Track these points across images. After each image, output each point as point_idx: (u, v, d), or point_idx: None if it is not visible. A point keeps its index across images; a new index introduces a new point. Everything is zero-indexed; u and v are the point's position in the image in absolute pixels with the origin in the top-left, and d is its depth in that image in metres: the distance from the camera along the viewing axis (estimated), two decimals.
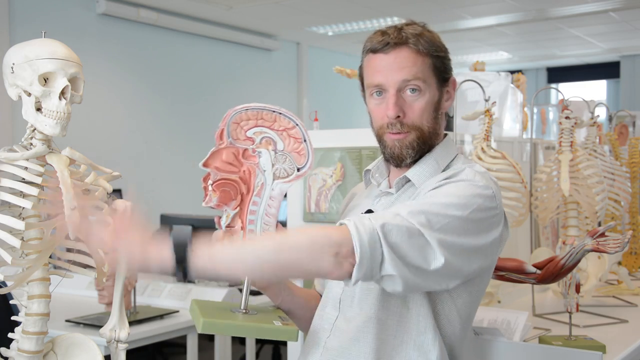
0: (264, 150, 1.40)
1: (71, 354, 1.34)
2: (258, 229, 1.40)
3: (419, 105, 1.39)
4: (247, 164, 1.40)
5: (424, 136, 1.41)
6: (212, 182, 1.38)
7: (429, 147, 1.43)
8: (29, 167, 1.25)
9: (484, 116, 2.35)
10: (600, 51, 9.24)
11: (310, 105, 8.22)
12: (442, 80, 1.42)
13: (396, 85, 1.38)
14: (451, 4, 6.53)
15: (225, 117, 1.39)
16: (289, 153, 1.40)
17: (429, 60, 1.39)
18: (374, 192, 1.50)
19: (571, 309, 2.16)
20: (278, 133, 1.40)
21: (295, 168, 1.41)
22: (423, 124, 1.40)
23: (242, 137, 1.40)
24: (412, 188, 1.43)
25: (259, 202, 1.40)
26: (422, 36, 1.39)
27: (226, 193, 1.39)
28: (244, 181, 1.40)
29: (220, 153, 1.39)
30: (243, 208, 1.40)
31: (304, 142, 1.40)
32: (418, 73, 1.37)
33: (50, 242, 1.25)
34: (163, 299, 3.06)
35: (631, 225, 3.22)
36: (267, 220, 1.40)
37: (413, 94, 1.38)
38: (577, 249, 1.85)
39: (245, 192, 1.40)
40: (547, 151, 3.25)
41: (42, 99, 1.23)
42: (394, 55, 1.38)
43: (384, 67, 1.39)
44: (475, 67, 3.31)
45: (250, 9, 6.63)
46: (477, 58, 9.39)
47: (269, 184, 1.40)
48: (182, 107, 6.74)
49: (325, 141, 2.55)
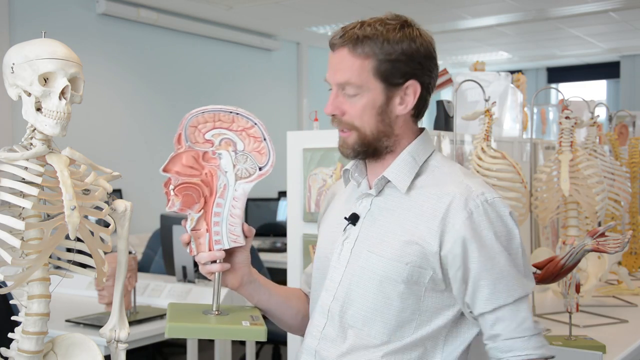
0: (224, 152, 1.40)
1: (71, 354, 1.34)
2: (223, 230, 1.40)
3: (358, 106, 1.37)
4: (208, 167, 1.40)
5: (366, 138, 1.38)
6: (173, 186, 1.38)
7: (377, 149, 1.40)
8: (29, 167, 1.25)
9: (484, 116, 2.35)
10: (600, 51, 9.24)
11: (310, 105, 8.22)
12: (390, 84, 1.36)
13: (335, 85, 1.39)
14: (451, 4, 6.53)
15: (182, 121, 1.39)
16: (249, 153, 1.40)
17: (369, 64, 1.35)
18: (355, 194, 1.48)
19: (571, 309, 2.16)
20: (237, 133, 1.40)
21: (257, 167, 1.40)
22: (363, 125, 1.37)
23: (201, 140, 1.40)
24: (392, 188, 1.41)
25: (223, 203, 1.40)
26: (370, 38, 1.34)
27: (189, 197, 1.39)
28: (206, 184, 1.40)
29: (180, 157, 1.39)
30: (207, 210, 1.40)
31: (264, 141, 1.40)
32: (352, 78, 1.35)
33: (50, 242, 1.25)
34: (163, 299, 3.06)
35: (631, 225, 3.22)
36: (232, 221, 1.40)
37: (351, 95, 1.37)
38: (577, 249, 1.85)
39: (209, 194, 1.40)
40: (547, 151, 3.25)
41: (42, 99, 1.23)
42: (335, 56, 1.38)
43: (330, 65, 1.40)
44: (475, 67, 3.31)
45: (250, 9, 6.63)
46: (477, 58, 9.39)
47: (232, 185, 1.40)
48: (182, 107, 6.71)
49: (325, 141, 2.55)
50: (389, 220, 1.38)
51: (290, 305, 1.56)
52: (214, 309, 1.42)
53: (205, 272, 1.43)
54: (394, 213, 1.38)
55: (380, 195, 1.42)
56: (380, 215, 1.40)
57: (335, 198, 1.58)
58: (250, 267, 1.48)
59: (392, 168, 1.40)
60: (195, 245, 1.41)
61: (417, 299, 1.35)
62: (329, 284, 1.43)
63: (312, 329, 1.44)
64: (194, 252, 1.41)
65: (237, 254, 1.45)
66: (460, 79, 2.81)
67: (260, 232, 5.74)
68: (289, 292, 1.61)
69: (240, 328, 1.36)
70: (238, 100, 7.43)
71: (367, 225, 1.41)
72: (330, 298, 1.42)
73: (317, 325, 1.43)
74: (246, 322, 1.38)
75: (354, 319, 1.38)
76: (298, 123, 8.24)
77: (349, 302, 1.39)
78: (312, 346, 1.42)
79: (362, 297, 1.37)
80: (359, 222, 1.42)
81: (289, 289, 1.65)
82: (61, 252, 1.35)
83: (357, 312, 1.38)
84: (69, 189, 1.23)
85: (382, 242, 1.36)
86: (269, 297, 1.52)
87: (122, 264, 1.40)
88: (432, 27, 1.45)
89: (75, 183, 1.26)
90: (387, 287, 1.34)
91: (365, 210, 1.42)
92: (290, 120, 8.19)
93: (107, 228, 1.33)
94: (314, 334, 1.43)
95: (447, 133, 2.57)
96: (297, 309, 1.58)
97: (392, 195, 1.41)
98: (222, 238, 1.40)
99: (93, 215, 1.32)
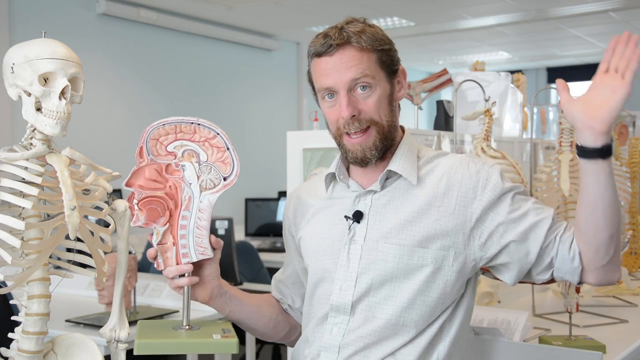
0: (187, 163, 1.39)
1: (71, 354, 1.33)
2: (190, 243, 1.38)
3: (372, 101, 1.38)
4: (172, 179, 1.39)
5: (384, 131, 1.40)
6: (137, 200, 1.37)
7: (391, 143, 1.43)
8: (29, 167, 1.25)
9: (484, 116, 2.35)
10: (600, 51, 9.23)
11: (310, 105, 8.23)
12: (391, 72, 1.42)
13: (346, 86, 1.37)
14: (451, 4, 6.53)
15: (143, 135, 1.37)
16: (213, 163, 1.39)
17: (374, 56, 1.38)
18: (344, 194, 1.48)
19: (571, 309, 2.15)
20: (199, 144, 1.38)
21: (221, 177, 1.39)
22: (381, 118, 1.40)
23: (164, 153, 1.38)
24: (397, 181, 1.42)
25: (189, 216, 1.39)
26: (364, 33, 1.38)
27: (153, 210, 1.37)
28: (170, 197, 1.39)
29: (142, 171, 1.38)
30: (173, 224, 1.39)
31: (227, 151, 1.38)
32: (365, 70, 1.37)
33: (50, 242, 1.25)
34: (163, 299, 3.06)
35: (631, 225, 3.22)
36: (199, 233, 1.39)
37: (364, 92, 1.38)
38: None
39: (174, 207, 1.39)
40: (547, 151, 3.25)
41: (42, 99, 1.23)
42: (338, 56, 1.37)
43: (331, 70, 1.38)
44: (475, 67, 3.31)
45: (250, 9, 6.63)
46: (477, 58, 9.39)
47: (197, 196, 1.39)
48: (182, 107, 6.74)
49: (325, 141, 2.54)
50: (400, 212, 1.40)
51: (262, 314, 1.56)
52: (185, 324, 1.40)
53: (173, 287, 1.42)
54: (403, 205, 1.40)
55: (382, 191, 1.43)
56: (388, 207, 1.42)
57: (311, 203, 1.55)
58: (219, 279, 1.47)
59: (396, 162, 1.42)
60: (162, 260, 1.40)
61: (444, 283, 1.37)
62: (342, 284, 1.42)
63: (331, 327, 1.42)
64: (161, 267, 1.40)
65: (206, 266, 1.44)
66: (460, 79, 2.81)
67: (260, 232, 5.74)
68: (261, 300, 1.61)
69: (211, 341, 1.34)
70: (238, 100, 7.43)
71: (375, 220, 1.41)
72: (349, 297, 1.41)
73: (337, 322, 1.41)
74: (217, 335, 1.36)
75: (383, 311, 1.38)
76: (298, 123, 8.24)
77: (376, 294, 1.39)
78: (334, 343, 1.40)
79: (390, 289, 1.38)
80: (364, 219, 1.42)
81: (261, 296, 1.64)
82: (61, 252, 1.35)
83: (386, 303, 1.38)
84: (69, 189, 1.23)
85: (400, 232, 1.38)
86: (240, 307, 1.52)
87: (122, 264, 1.40)
88: (432, 27, 1.46)
89: (75, 183, 1.26)
90: (411, 275, 1.37)
91: (368, 207, 1.43)
92: (290, 120, 8.19)
93: (107, 228, 1.33)
94: (335, 332, 1.41)
95: (447, 133, 2.57)
96: (269, 316, 1.58)
97: (397, 189, 1.42)
98: (190, 251, 1.39)
99: (93, 215, 1.32)
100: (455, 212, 1.37)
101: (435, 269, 1.36)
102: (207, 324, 1.44)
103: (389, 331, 1.37)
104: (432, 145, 2.50)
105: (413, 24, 7.22)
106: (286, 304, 1.64)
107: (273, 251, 5.42)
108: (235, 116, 7.28)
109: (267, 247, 5.57)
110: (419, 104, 2.66)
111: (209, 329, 1.41)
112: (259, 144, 7.40)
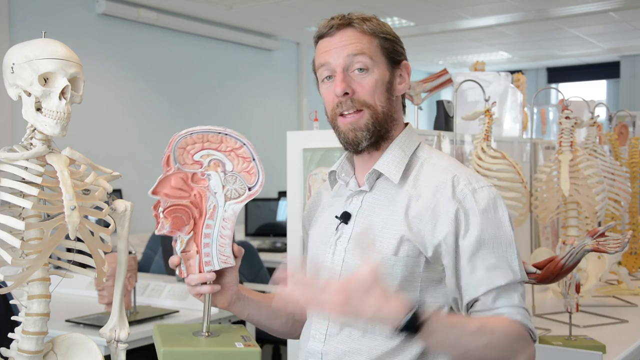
0: (213, 173, 1.39)
1: (71, 354, 1.34)
2: (213, 251, 1.39)
3: (368, 82, 1.36)
4: (197, 188, 1.39)
5: (378, 116, 1.37)
6: (162, 209, 1.37)
7: (386, 132, 1.40)
8: (29, 167, 1.25)
9: (484, 116, 2.35)
10: (600, 51, 9.24)
11: (310, 105, 8.23)
12: (393, 61, 1.40)
13: (342, 63, 1.36)
14: (451, 4, 6.53)
15: (170, 143, 1.37)
16: (238, 173, 1.39)
17: (375, 40, 1.38)
18: (344, 193, 1.47)
19: (571, 309, 2.16)
20: (226, 154, 1.39)
21: (246, 188, 1.39)
22: (375, 102, 1.37)
23: (190, 162, 1.38)
24: (384, 181, 1.41)
25: (213, 224, 1.39)
26: (369, 20, 1.39)
27: (178, 219, 1.38)
28: (195, 205, 1.39)
29: (168, 179, 1.38)
30: (197, 232, 1.39)
31: (253, 161, 1.39)
32: (364, 49, 1.36)
33: (50, 242, 1.25)
34: (163, 299, 3.06)
35: (631, 225, 3.22)
36: (222, 242, 1.39)
37: (361, 73, 1.36)
38: (577, 249, 1.85)
39: (198, 216, 1.39)
40: (547, 151, 3.25)
41: (42, 99, 1.23)
42: (339, 36, 1.38)
43: (329, 48, 1.39)
44: (475, 67, 3.32)
45: (250, 9, 6.63)
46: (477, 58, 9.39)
47: (221, 205, 1.39)
48: (182, 107, 6.74)
49: (325, 141, 2.55)
50: (381, 216, 1.38)
51: (279, 314, 1.55)
52: (204, 330, 1.40)
53: (194, 294, 1.42)
54: (386, 207, 1.38)
55: (372, 191, 1.42)
56: (373, 211, 1.40)
57: (322, 200, 1.57)
58: (238, 285, 1.47)
59: (382, 161, 1.40)
60: (185, 267, 1.39)
61: (415, 293, 1.34)
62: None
63: (314, 333, 1.42)
64: (184, 274, 1.40)
65: (227, 274, 1.43)
66: (460, 79, 2.81)
67: (260, 232, 5.74)
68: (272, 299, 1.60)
69: (236, 350, 1.34)
70: (238, 100, 7.43)
71: (360, 223, 1.40)
72: None
73: (319, 328, 1.41)
74: (239, 344, 1.36)
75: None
76: (298, 123, 8.24)
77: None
78: (317, 349, 1.40)
79: None
80: (351, 220, 1.41)
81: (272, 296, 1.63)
82: (61, 252, 1.35)
83: None
84: (69, 189, 1.23)
85: (376, 238, 1.36)
86: (258, 310, 1.52)
87: (122, 264, 1.40)
88: (432, 27, 1.46)
89: (75, 183, 1.26)
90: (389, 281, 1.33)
91: (357, 208, 1.42)
92: (290, 120, 8.19)
93: (107, 228, 1.34)
94: (317, 337, 1.41)
95: (447, 133, 2.57)
96: (287, 316, 1.57)
97: (384, 189, 1.40)
98: (213, 259, 1.39)
99: (93, 215, 1.32)
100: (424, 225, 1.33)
101: (406, 275, 1.33)
102: (225, 330, 1.45)
103: (367, 338, 1.35)
104: (432, 145, 2.50)
105: (413, 24, 7.22)
106: None
107: (273, 251, 5.42)
108: (235, 116, 7.27)
109: (267, 247, 5.57)
110: (419, 104, 2.66)
111: (229, 335, 1.41)
112: (259, 144, 7.30)
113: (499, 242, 1.33)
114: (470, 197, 1.33)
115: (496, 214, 1.34)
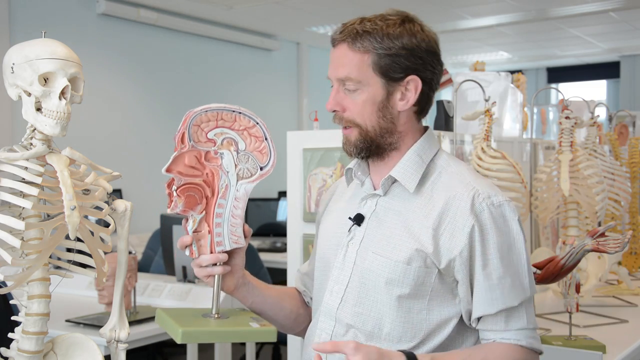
0: (226, 152, 1.38)
1: (71, 354, 1.33)
2: (225, 231, 1.38)
3: (356, 102, 1.37)
4: (209, 167, 1.37)
5: (368, 134, 1.37)
6: (176, 187, 1.35)
7: (378, 146, 1.39)
8: (29, 167, 1.25)
9: (484, 116, 2.35)
10: (600, 51, 9.24)
11: (310, 105, 8.23)
12: (390, 79, 1.35)
13: (337, 81, 1.39)
14: (451, 4, 6.53)
15: (185, 120, 1.36)
16: (251, 153, 1.38)
17: (369, 58, 1.35)
18: (359, 193, 1.46)
19: (571, 309, 2.16)
20: (239, 133, 1.38)
21: (258, 167, 1.39)
22: (364, 122, 1.37)
23: (204, 140, 1.37)
24: (399, 188, 1.39)
25: (225, 204, 1.37)
26: (370, 33, 1.35)
27: (191, 197, 1.36)
28: (208, 184, 1.37)
29: (182, 157, 1.36)
30: (209, 212, 1.37)
31: (265, 141, 1.38)
32: (352, 72, 1.35)
33: (50, 242, 1.25)
34: (163, 299, 3.06)
35: (631, 225, 3.22)
36: (234, 222, 1.38)
37: (350, 92, 1.37)
38: (577, 249, 1.85)
39: (210, 195, 1.37)
40: (547, 151, 3.25)
41: (42, 99, 1.23)
42: (336, 52, 1.39)
43: (331, 61, 1.40)
44: (475, 67, 3.32)
45: (250, 9, 6.63)
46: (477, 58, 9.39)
47: (233, 185, 1.38)
48: (182, 107, 6.71)
49: (325, 141, 2.55)
50: (394, 222, 1.37)
51: (283, 305, 1.55)
52: (214, 312, 1.39)
53: (203, 275, 1.40)
54: (400, 214, 1.37)
55: (387, 196, 1.41)
56: (386, 216, 1.39)
57: (335, 197, 1.56)
58: (244, 269, 1.46)
59: (398, 167, 1.39)
60: (196, 248, 1.38)
61: (424, 302, 1.34)
62: (334, 286, 1.41)
63: (320, 332, 1.42)
64: (195, 255, 1.38)
65: (235, 255, 1.42)
66: (460, 79, 2.81)
67: (260, 232, 5.74)
68: (282, 292, 1.59)
69: (252, 330, 1.34)
70: (238, 100, 7.41)
71: (372, 226, 1.40)
72: (337, 301, 1.40)
73: (325, 328, 1.41)
74: (254, 324, 1.35)
75: (364, 323, 1.37)
76: (298, 123, 8.24)
77: (359, 305, 1.37)
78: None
79: (372, 301, 1.36)
80: (364, 222, 1.41)
81: (282, 288, 1.63)
82: (61, 252, 1.35)
83: (367, 316, 1.36)
84: (69, 189, 1.23)
85: (388, 244, 1.35)
86: (263, 298, 1.50)
87: (122, 264, 1.40)
88: (432, 27, 1.45)
89: (75, 183, 1.26)
90: (394, 290, 1.33)
91: (371, 211, 1.41)
92: (290, 120, 8.19)
93: (107, 228, 1.33)
94: (323, 337, 1.40)
95: (447, 133, 2.57)
96: (290, 308, 1.56)
97: (399, 196, 1.39)
98: (224, 239, 1.38)
99: (93, 215, 1.32)
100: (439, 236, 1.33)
101: (417, 284, 1.33)
102: (233, 313, 1.43)
103: (372, 342, 1.34)
104: None
105: None
106: (308, 296, 1.61)
107: (273, 251, 5.42)
108: None
109: (267, 247, 5.57)
110: None
111: (239, 317, 1.40)
112: None
113: (512, 261, 1.33)
114: (487, 212, 1.32)
115: (511, 231, 1.34)
